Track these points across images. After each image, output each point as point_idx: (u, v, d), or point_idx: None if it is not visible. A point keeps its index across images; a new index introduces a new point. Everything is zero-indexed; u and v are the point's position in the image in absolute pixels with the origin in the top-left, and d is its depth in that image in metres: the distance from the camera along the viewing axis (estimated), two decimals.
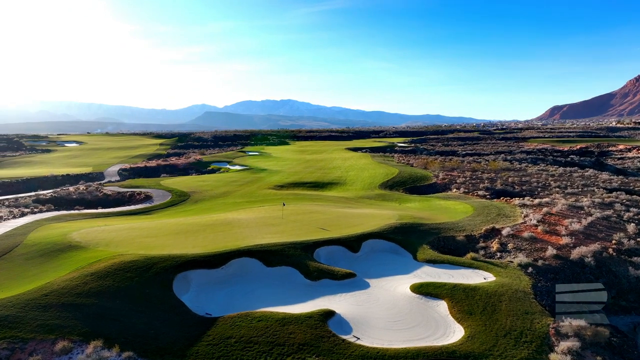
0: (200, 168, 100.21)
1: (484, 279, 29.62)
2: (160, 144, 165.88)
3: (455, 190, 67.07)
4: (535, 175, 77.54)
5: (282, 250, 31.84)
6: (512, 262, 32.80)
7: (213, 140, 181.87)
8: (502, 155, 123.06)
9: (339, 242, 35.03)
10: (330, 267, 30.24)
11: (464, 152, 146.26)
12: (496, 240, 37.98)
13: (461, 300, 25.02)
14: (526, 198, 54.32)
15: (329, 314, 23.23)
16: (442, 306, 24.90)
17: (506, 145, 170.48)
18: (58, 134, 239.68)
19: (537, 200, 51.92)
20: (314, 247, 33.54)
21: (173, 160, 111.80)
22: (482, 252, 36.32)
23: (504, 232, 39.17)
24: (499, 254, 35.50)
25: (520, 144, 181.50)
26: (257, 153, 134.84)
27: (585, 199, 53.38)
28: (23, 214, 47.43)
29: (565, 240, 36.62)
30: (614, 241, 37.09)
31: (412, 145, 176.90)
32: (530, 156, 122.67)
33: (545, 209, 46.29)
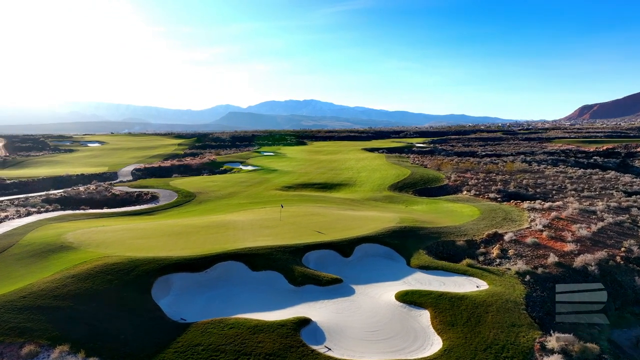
0: (213, 168, 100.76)
1: (477, 287, 28.35)
2: (179, 144, 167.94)
3: (466, 192, 65.23)
4: (552, 178, 74.80)
5: (269, 254, 31.24)
6: (509, 269, 31.33)
7: (230, 140, 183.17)
8: (522, 156, 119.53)
9: (331, 246, 34.21)
10: (316, 273, 29.46)
11: (484, 153, 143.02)
12: (497, 245, 36.47)
13: (445, 310, 23.90)
14: (537, 201, 52.23)
15: (304, 322, 22.50)
16: (425, 316, 23.83)
17: (529, 146, 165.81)
18: (84, 134, 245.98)
19: (547, 204, 49.85)
20: (304, 251, 32.82)
21: (188, 160, 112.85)
22: (481, 258, 34.93)
23: (506, 237, 37.62)
24: (498, 260, 34.05)
25: (544, 144, 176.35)
26: (272, 153, 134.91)
27: (601, 203, 51.02)
28: (29, 214, 48.27)
29: (570, 247, 34.84)
30: (623, 249, 35.12)
31: (431, 145, 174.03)
32: (552, 157, 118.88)
33: (554, 214, 44.34)
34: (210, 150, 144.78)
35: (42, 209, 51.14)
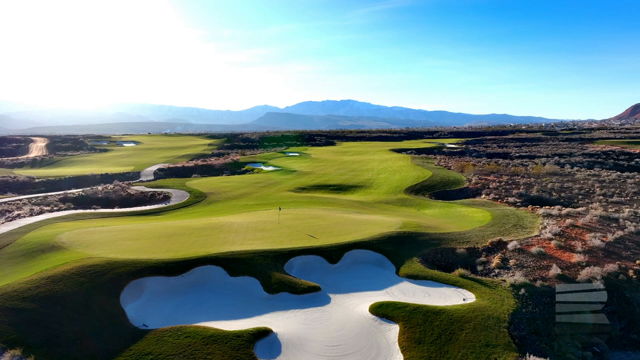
0: (235, 169, 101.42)
1: (464, 299, 26.42)
2: (209, 145, 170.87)
3: (484, 196, 62.23)
4: (582, 181, 70.20)
5: (250, 259, 30.42)
6: (504, 281, 29.12)
7: (259, 140, 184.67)
8: (556, 157, 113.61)
9: (318, 251, 32.99)
10: (293, 280, 28.37)
11: (517, 154, 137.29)
12: (499, 254, 34.15)
13: (416, 325, 22.25)
14: (556, 207, 48.90)
15: (263, 334, 21.49)
16: (394, 331, 22.26)
17: (568, 147, 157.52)
18: (123, 134, 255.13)
19: (566, 210, 46.53)
20: (288, 257, 31.80)
21: (212, 160, 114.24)
22: (480, 267, 32.81)
23: (510, 245, 35.16)
24: (497, 270, 31.82)
25: (585, 145, 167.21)
26: (297, 154, 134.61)
27: (627, 210, 47.17)
28: (41, 212, 49.76)
29: (577, 258, 32.08)
30: (638, 261, 31.97)
31: (463, 146, 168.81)
32: (589, 159, 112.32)
33: (569, 221, 41.24)
34: (237, 151, 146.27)
35: (55, 208, 52.70)
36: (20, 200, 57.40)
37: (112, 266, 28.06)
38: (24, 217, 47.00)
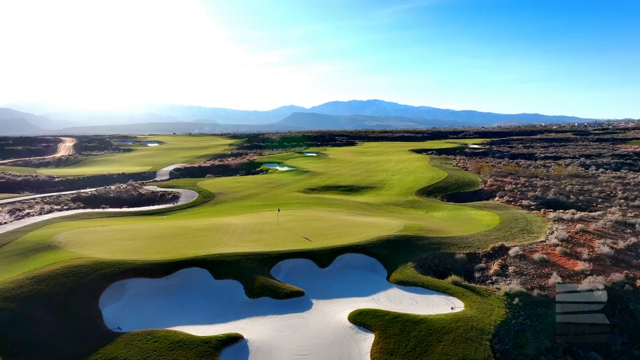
0: (250, 169, 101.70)
1: (452, 308, 25.18)
2: (230, 145, 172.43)
3: (498, 198, 60.13)
4: (604, 184, 66.96)
5: (237, 262, 29.97)
6: (499, 289, 27.69)
7: (279, 141, 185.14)
8: (582, 159, 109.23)
9: (309, 255, 32.23)
10: (277, 284, 27.73)
11: (542, 155, 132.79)
12: (499, 261, 32.63)
13: (392, 335, 21.23)
14: (569, 211, 46.58)
15: (232, 340, 20.94)
16: (369, 341, 21.29)
17: (598, 148, 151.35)
18: (149, 134, 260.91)
19: (579, 214, 44.25)
20: (277, 260, 31.19)
21: (229, 160, 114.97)
22: (478, 274, 31.42)
23: (512, 251, 33.54)
24: (494, 277, 30.38)
25: (617, 145, 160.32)
26: (314, 154, 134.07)
27: None
28: (51, 211, 50.81)
29: (582, 265, 30.27)
30: None
31: (487, 146, 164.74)
32: (618, 160, 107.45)
33: (580, 226, 39.14)
34: (255, 151, 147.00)
35: (65, 207, 53.78)
36: (34, 199, 58.92)
37: (97, 267, 28.09)
38: (33, 215, 48.08)
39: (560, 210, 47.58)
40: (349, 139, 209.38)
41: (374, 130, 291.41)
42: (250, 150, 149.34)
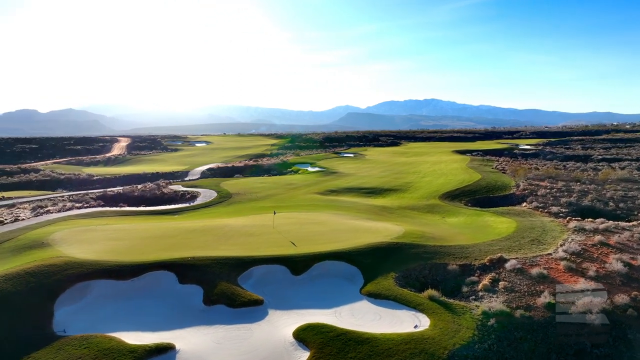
0: (281, 169, 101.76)
1: (415, 326, 22.96)
2: (272, 145, 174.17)
3: (526, 204, 55.56)
4: None
5: (207, 266, 29.19)
6: (478, 306, 24.97)
7: (321, 141, 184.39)
8: None
9: (285, 261, 30.87)
10: (236, 291, 26.60)
11: (600, 157, 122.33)
12: (492, 274, 29.59)
13: (328, 355, 19.47)
14: (599, 220, 41.81)
15: (160, 351, 20.13)
16: None
17: None
18: (202, 134, 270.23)
19: (607, 224, 39.49)
20: (250, 265, 30.14)
21: (263, 161, 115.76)
22: (466, 288, 28.68)
23: (509, 264, 30.33)
24: (481, 293, 27.53)
25: None
26: (351, 155, 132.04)
27: None
28: (70, 209, 53.01)
29: (584, 284, 26.69)
30: None
31: (539, 147, 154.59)
32: None
33: (599, 237, 34.81)
34: (294, 151, 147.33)
35: (85, 205, 56.03)
36: (62, 196, 62.02)
37: (68, 267, 28.34)
38: (52, 213, 50.35)
39: (590, 220, 42.83)
40: (395, 139, 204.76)
41: (422, 130, 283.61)
42: (290, 151, 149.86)
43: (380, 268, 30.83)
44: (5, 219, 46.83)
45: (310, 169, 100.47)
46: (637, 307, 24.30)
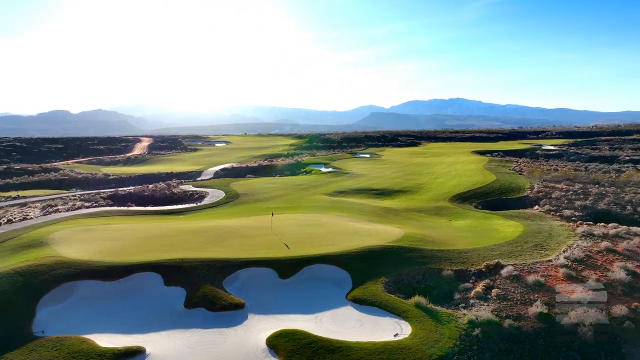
0: (295, 169, 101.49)
1: (395, 335, 22.18)
2: (290, 145, 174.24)
3: (539, 207, 53.60)
4: None
5: (193, 268, 29.00)
6: (465, 315, 23.93)
7: (339, 141, 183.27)
8: None
9: (273, 264, 30.45)
10: (217, 294, 26.26)
11: (627, 158, 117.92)
12: (486, 281, 28.45)
13: None
14: (611, 224, 39.96)
15: (129, 354, 20.00)
16: None
17: None
18: (223, 134, 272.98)
19: (618, 229, 37.63)
20: (237, 268, 29.82)
21: (277, 161, 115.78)
22: (458, 295, 27.69)
23: (505, 271, 29.14)
24: (472, 301, 26.51)
25: None
26: (367, 155, 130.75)
27: None
28: (79, 208, 53.97)
29: (581, 293, 25.30)
30: None
31: (564, 148, 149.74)
32: None
33: (606, 244, 33.10)
34: (310, 151, 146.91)
35: (95, 204, 56.97)
36: (74, 195, 63.29)
37: (56, 267, 28.57)
38: (61, 212, 51.34)
39: (602, 224, 40.91)
40: (415, 139, 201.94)
41: (444, 130, 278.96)
42: (307, 151, 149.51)
43: (371, 272, 30.04)
44: (14, 218, 47.99)
45: (323, 169, 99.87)
46: (635, 319, 22.86)
